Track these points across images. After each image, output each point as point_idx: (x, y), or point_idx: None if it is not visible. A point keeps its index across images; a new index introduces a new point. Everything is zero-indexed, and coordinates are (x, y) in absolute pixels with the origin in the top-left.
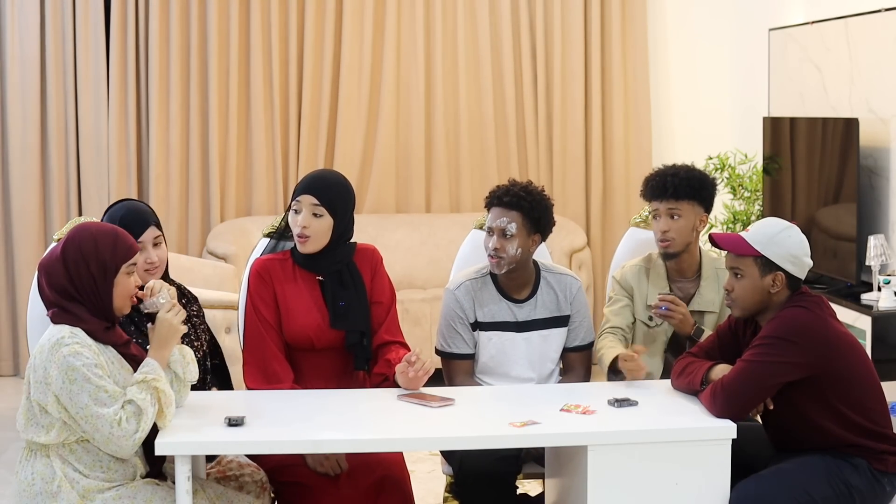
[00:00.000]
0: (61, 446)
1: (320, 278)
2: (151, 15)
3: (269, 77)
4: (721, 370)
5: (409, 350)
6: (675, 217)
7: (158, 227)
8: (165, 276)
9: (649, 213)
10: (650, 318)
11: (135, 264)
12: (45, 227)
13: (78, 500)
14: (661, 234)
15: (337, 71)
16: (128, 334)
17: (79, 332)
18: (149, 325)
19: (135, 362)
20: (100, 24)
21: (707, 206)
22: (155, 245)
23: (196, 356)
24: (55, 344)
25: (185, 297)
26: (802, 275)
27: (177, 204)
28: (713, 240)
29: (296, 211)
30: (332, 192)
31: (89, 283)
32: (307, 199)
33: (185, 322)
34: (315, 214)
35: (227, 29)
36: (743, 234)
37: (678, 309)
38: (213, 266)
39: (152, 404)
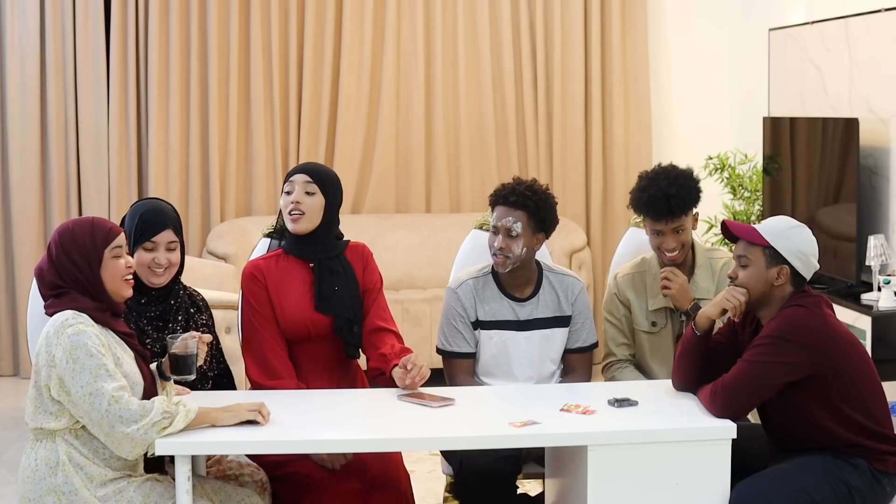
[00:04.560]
0: (68, 431)
1: (312, 265)
2: (151, 15)
3: (269, 77)
4: (707, 309)
5: (401, 340)
6: (681, 231)
7: (177, 232)
8: (176, 281)
9: (644, 227)
10: (653, 324)
11: (120, 246)
12: (45, 227)
13: (80, 486)
14: (668, 252)
15: (337, 71)
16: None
17: (82, 314)
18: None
19: (136, 352)
20: (100, 24)
21: (698, 203)
22: (169, 249)
23: (202, 368)
24: (60, 326)
25: (196, 306)
26: (808, 274)
27: (177, 204)
28: (725, 227)
29: (287, 192)
30: (323, 174)
31: (76, 274)
32: (300, 178)
33: (193, 329)
34: (308, 192)
35: (227, 29)
36: (755, 225)
37: (676, 279)
38: (213, 266)
39: (164, 418)
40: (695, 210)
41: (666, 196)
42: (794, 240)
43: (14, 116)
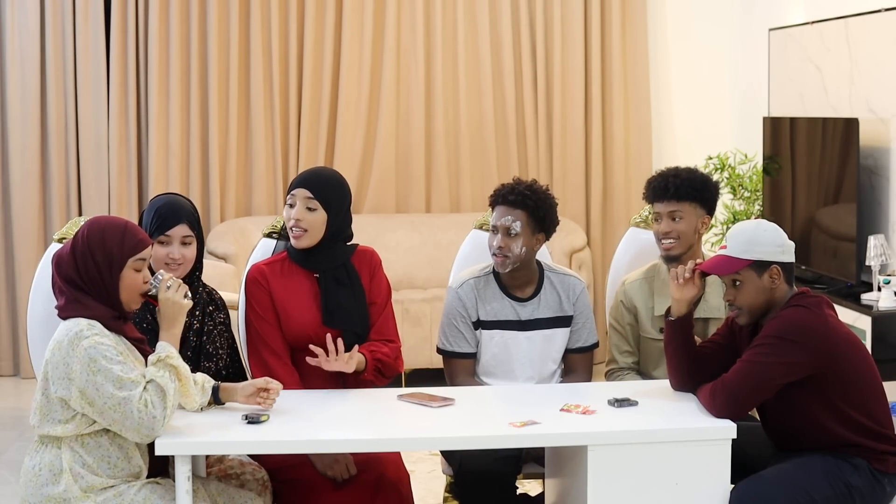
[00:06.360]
0: (74, 439)
1: (317, 275)
2: (151, 15)
3: (269, 77)
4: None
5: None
6: (677, 219)
7: (193, 227)
8: (193, 279)
9: (650, 214)
10: (660, 330)
11: (143, 259)
12: (45, 227)
13: (80, 494)
14: (662, 235)
15: (337, 71)
16: (142, 332)
17: (96, 324)
18: (157, 308)
19: (147, 358)
20: (100, 24)
21: (709, 208)
22: (183, 244)
23: (214, 367)
24: (74, 338)
25: (215, 304)
26: (792, 258)
27: None
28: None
29: (290, 205)
30: (326, 187)
31: (95, 274)
32: (301, 193)
33: (210, 328)
34: (309, 208)
35: (227, 29)
36: (723, 252)
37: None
38: (213, 266)
39: (172, 381)
40: (703, 212)
41: (666, 177)
42: (765, 240)
43: (14, 116)
